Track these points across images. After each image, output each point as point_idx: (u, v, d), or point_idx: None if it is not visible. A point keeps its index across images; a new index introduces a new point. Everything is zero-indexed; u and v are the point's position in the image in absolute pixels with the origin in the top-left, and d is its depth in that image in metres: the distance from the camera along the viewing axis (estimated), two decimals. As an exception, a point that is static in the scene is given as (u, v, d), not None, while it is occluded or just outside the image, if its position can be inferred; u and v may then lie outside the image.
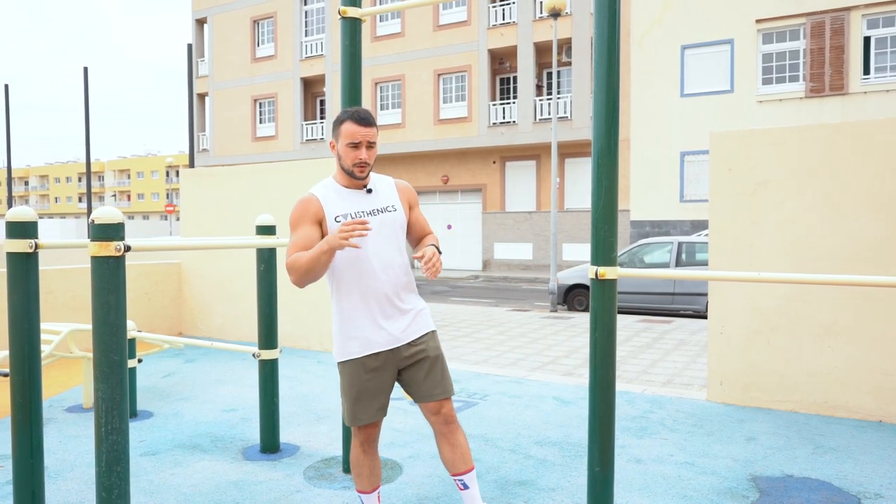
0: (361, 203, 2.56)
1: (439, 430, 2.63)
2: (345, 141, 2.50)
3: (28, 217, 2.79)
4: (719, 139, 4.93)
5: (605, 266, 2.71)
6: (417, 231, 2.71)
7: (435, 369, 2.60)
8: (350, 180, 2.57)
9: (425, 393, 2.59)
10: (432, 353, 2.61)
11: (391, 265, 2.55)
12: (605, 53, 2.69)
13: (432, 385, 2.59)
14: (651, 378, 6.08)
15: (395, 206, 2.62)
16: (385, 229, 2.56)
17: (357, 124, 2.49)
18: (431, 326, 2.68)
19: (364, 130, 2.49)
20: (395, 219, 2.60)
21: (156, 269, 7.95)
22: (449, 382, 2.64)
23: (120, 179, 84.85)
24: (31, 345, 2.81)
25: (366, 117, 2.51)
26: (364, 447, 2.66)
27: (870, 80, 17.36)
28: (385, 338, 2.54)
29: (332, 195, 2.56)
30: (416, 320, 2.61)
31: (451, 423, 2.62)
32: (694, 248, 11.03)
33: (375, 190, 2.61)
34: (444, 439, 2.63)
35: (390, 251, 2.56)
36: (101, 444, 2.34)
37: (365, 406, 2.56)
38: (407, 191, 2.72)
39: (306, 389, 5.41)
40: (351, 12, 3.34)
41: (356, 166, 2.51)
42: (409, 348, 2.59)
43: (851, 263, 4.50)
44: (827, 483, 3.42)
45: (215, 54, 30.03)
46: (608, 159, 2.70)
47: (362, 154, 2.49)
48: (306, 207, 2.53)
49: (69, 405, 4.94)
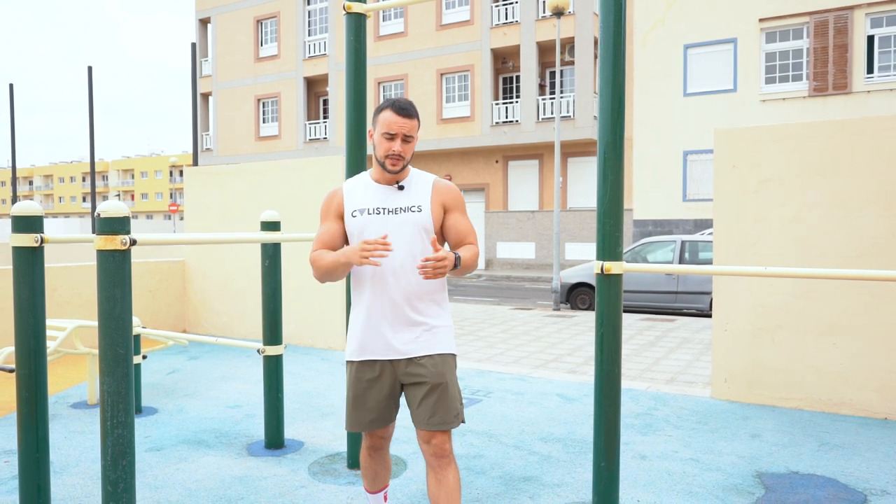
0: (386, 199, 2.38)
1: (428, 460, 2.37)
2: (381, 130, 2.34)
3: (33, 211, 2.80)
4: (724, 136, 4.92)
5: (611, 261, 2.71)
6: (454, 238, 2.43)
7: (431, 397, 2.32)
8: (382, 174, 2.40)
9: (419, 419, 2.35)
10: (432, 380, 2.32)
11: (404, 270, 2.33)
12: (610, 47, 2.69)
13: (426, 412, 2.33)
14: (655, 375, 6.07)
15: (421, 206, 2.37)
16: (404, 230, 2.34)
17: (396, 114, 2.31)
18: (444, 348, 2.38)
19: (402, 121, 2.31)
20: (418, 220, 2.36)
21: (160, 266, 7.96)
22: (448, 414, 2.33)
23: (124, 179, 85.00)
24: (36, 339, 2.82)
25: (406, 107, 2.33)
26: (369, 452, 2.57)
27: (873, 78, 17.31)
28: (382, 347, 2.36)
29: (359, 188, 2.43)
30: (424, 336, 2.36)
31: (442, 456, 2.34)
32: (697, 246, 11.01)
33: (408, 187, 2.40)
34: (432, 472, 2.36)
35: (405, 255, 2.33)
36: (107, 438, 2.34)
37: (359, 413, 2.42)
38: (445, 192, 2.44)
39: (310, 386, 5.41)
40: (356, 8, 3.34)
41: (388, 158, 2.33)
42: (409, 365, 2.36)
43: (856, 260, 4.48)
44: (833, 480, 3.41)
45: (219, 54, 30.07)
46: (614, 154, 2.70)
47: (396, 146, 2.32)
48: (330, 201, 2.46)
49: (74, 401, 4.95)
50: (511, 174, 24.21)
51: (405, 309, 2.35)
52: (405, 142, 2.34)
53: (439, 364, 2.36)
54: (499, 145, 23.65)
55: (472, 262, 2.36)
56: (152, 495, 3.23)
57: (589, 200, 22.68)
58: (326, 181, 6.99)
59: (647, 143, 19.77)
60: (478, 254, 2.41)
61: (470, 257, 2.35)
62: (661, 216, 19.73)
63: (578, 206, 22.77)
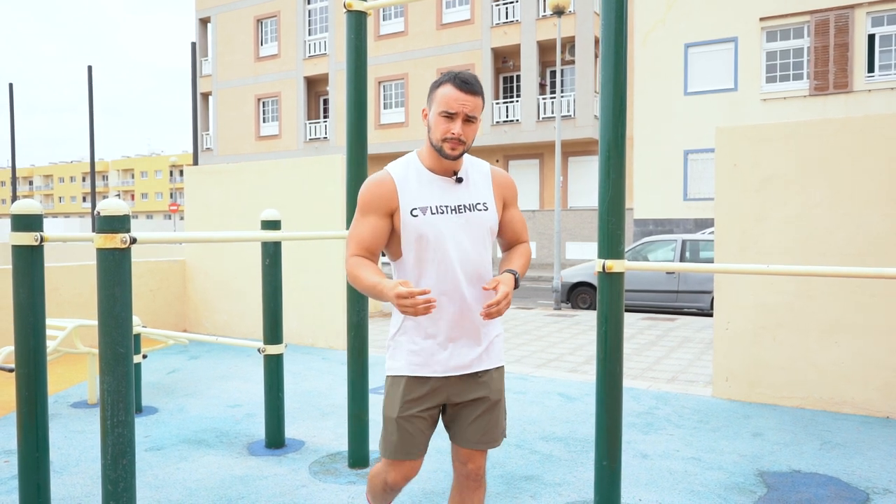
0: (447, 194, 2.06)
1: (461, 481, 2.18)
2: (438, 108, 1.99)
3: (33, 210, 2.79)
4: (725, 134, 4.90)
5: (613, 259, 2.69)
6: (509, 235, 2.21)
7: (490, 415, 2.13)
8: (438, 161, 2.05)
9: (467, 437, 2.12)
10: (494, 396, 2.13)
11: (477, 276, 2.06)
12: (612, 45, 2.68)
13: (478, 431, 2.11)
14: (656, 375, 6.06)
15: (487, 203, 2.10)
16: (473, 232, 2.06)
17: (458, 89, 1.96)
18: (502, 360, 2.19)
19: (464, 98, 1.96)
20: (486, 220, 2.09)
21: (160, 266, 7.95)
22: (499, 432, 2.16)
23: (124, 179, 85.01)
24: (36, 339, 2.81)
25: (470, 81, 1.98)
26: (398, 484, 2.17)
27: (874, 77, 17.30)
28: (445, 362, 2.07)
29: (412, 179, 2.06)
30: (489, 349, 2.13)
31: (476, 479, 2.16)
32: (697, 245, 11.01)
33: (467, 179, 2.10)
34: (460, 491, 2.19)
35: (477, 259, 2.07)
36: (107, 437, 2.33)
37: (405, 438, 2.09)
38: (505, 184, 2.18)
39: (311, 386, 5.40)
40: (356, 5, 3.33)
41: (446, 142, 1.98)
42: (469, 381, 2.11)
43: (858, 259, 4.47)
44: (835, 478, 3.40)
45: (219, 53, 30.08)
46: (616, 152, 2.69)
47: (456, 127, 1.97)
48: (378, 192, 2.04)
49: (74, 401, 4.94)
50: (511, 173, 24.20)
51: (476, 320, 2.08)
52: (467, 123, 1.99)
53: (499, 378, 2.17)
54: (499, 144, 23.66)
55: (527, 266, 2.18)
56: (153, 494, 3.22)
57: (589, 200, 22.69)
58: (327, 180, 6.98)
59: (647, 143, 19.76)
60: (531, 254, 2.22)
61: (525, 264, 2.16)
62: (662, 215, 19.72)
63: (579, 206, 22.77)
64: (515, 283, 2.04)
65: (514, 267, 2.12)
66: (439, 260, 2.03)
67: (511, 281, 2.01)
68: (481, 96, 2.02)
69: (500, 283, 1.97)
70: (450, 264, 2.03)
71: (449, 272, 2.03)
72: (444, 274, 2.03)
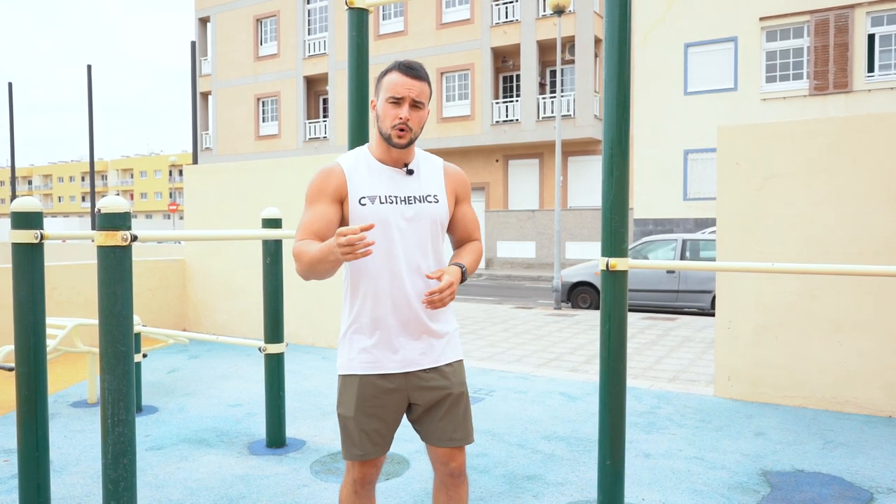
0: (397, 185, 2.04)
1: (443, 479, 2.13)
2: (385, 95, 1.98)
3: (33, 207, 2.77)
4: (727, 133, 4.89)
5: (616, 257, 2.68)
6: (460, 231, 2.19)
7: (457, 409, 2.09)
8: (387, 152, 2.04)
9: (439, 435, 2.08)
10: (456, 389, 2.09)
11: (420, 271, 2.03)
12: (615, 43, 2.67)
13: (450, 427, 2.07)
14: (657, 374, 6.04)
15: (437, 195, 2.08)
16: (422, 224, 2.04)
17: (403, 74, 1.97)
18: (460, 355, 2.17)
19: (410, 83, 1.96)
20: (436, 212, 2.06)
21: (160, 265, 7.94)
22: (470, 426, 2.13)
23: (123, 179, 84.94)
24: (36, 337, 2.79)
25: (415, 67, 1.99)
26: (356, 486, 2.11)
27: (874, 77, 17.29)
28: (401, 358, 2.04)
29: (361, 169, 2.04)
30: (441, 343, 2.10)
31: (458, 475, 2.12)
32: (698, 245, 11.00)
33: (418, 171, 2.08)
34: (443, 489, 2.14)
35: (424, 253, 2.05)
36: (108, 437, 2.32)
37: (363, 437, 2.04)
38: (457, 179, 2.16)
39: (311, 385, 5.39)
40: (358, 3, 3.31)
41: (394, 129, 1.97)
42: (429, 376, 2.07)
43: (861, 257, 4.46)
44: (838, 478, 3.39)
45: (218, 53, 30.04)
46: (619, 151, 2.68)
47: (403, 112, 1.96)
48: (326, 180, 2.02)
49: (73, 400, 4.92)
50: (511, 173, 24.19)
51: (422, 315, 2.04)
52: (414, 108, 1.98)
53: (459, 371, 2.14)
54: (499, 144, 23.63)
55: (477, 265, 2.15)
56: (153, 494, 3.20)
57: (589, 199, 22.68)
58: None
59: (647, 142, 19.75)
60: (482, 252, 2.19)
61: (475, 261, 2.13)
62: (662, 215, 19.71)
63: (579, 206, 22.75)
64: (462, 276, 2.02)
65: (462, 261, 2.09)
66: (386, 250, 2.00)
67: (457, 273, 2.01)
68: (427, 82, 2.01)
69: (444, 274, 1.97)
70: (393, 257, 2.00)
71: (393, 264, 2.01)
72: (390, 265, 2.01)
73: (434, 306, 1.94)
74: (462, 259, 2.12)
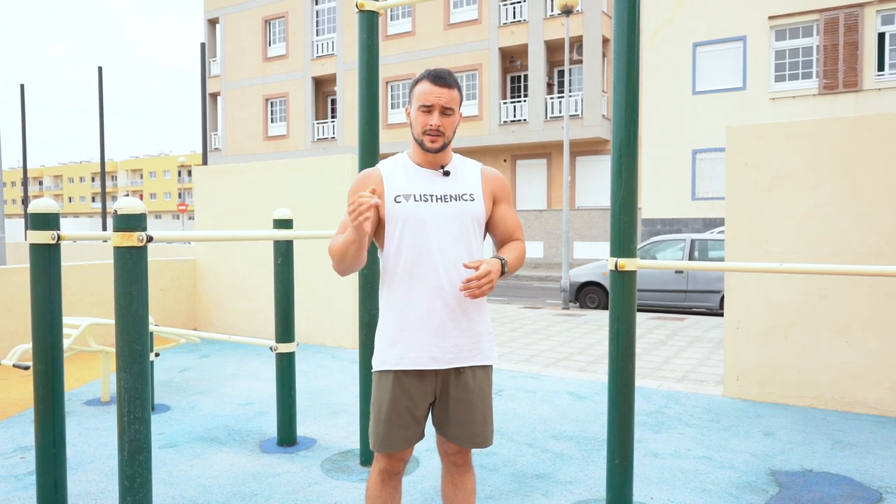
0: (433, 185, 2.10)
1: (448, 467, 2.25)
2: (417, 103, 2.08)
3: (50, 209, 2.82)
4: (736, 133, 4.90)
5: (625, 257, 2.70)
6: (501, 231, 2.21)
7: (475, 413, 2.13)
8: (424, 156, 2.12)
9: (454, 434, 2.14)
10: (479, 396, 2.14)
11: (457, 267, 2.06)
12: (624, 43, 2.68)
13: (465, 430, 2.13)
14: (666, 374, 6.05)
15: (473, 194, 2.13)
16: (458, 221, 2.08)
17: (432, 83, 2.05)
18: (492, 359, 2.18)
19: (439, 91, 2.05)
20: (472, 210, 2.11)
21: (171, 265, 8.00)
22: (489, 432, 2.18)
23: (133, 179, 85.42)
24: (53, 336, 2.84)
25: (444, 76, 2.07)
26: (387, 476, 2.18)
27: (884, 76, 17.20)
28: (433, 355, 2.07)
29: (399, 171, 2.13)
30: (476, 345, 2.13)
31: (462, 465, 2.22)
32: (706, 245, 10.97)
33: (455, 173, 2.14)
34: (449, 477, 2.24)
35: (460, 249, 2.08)
36: (124, 434, 2.35)
37: (395, 430, 2.10)
38: (495, 180, 2.21)
39: (322, 384, 5.42)
40: (368, 5, 3.34)
41: (426, 134, 2.06)
42: (457, 376, 2.11)
43: (870, 257, 4.46)
44: (847, 478, 3.39)
45: (227, 54, 30.18)
46: (628, 151, 2.69)
47: (433, 119, 2.05)
48: (364, 181, 2.12)
49: (87, 399, 4.98)
50: (519, 173, 24.19)
51: (457, 312, 2.08)
52: (444, 115, 2.07)
53: (486, 376, 2.18)
54: (507, 144, 23.64)
55: (520, 262, 2.16)
56: (167, 491, 3.25)
57: (597, 199, 22.65)
58: (337, 180, 7.00)
59: (655, 142, 19.72)
60: (524, 251, 2.21)
61: (517, 258, 2.14)
62: (670, 215, 19.67)
63: (587, 206, 22.73)
64: (502, 270, 2.03)
65: (503, 255, 2.12)
66: (420, 247, 2.05)
67: (496, 264, 2.01)
68: (457, 89, 2.09)
69: (482, 263, 1.98)
70: (429, 252, 2.05)
71: (429, 258, 2.05)
72: (426, 259, 2.05)
73: (472, 294, 1.95)
74: (504, 254, 2.14)
